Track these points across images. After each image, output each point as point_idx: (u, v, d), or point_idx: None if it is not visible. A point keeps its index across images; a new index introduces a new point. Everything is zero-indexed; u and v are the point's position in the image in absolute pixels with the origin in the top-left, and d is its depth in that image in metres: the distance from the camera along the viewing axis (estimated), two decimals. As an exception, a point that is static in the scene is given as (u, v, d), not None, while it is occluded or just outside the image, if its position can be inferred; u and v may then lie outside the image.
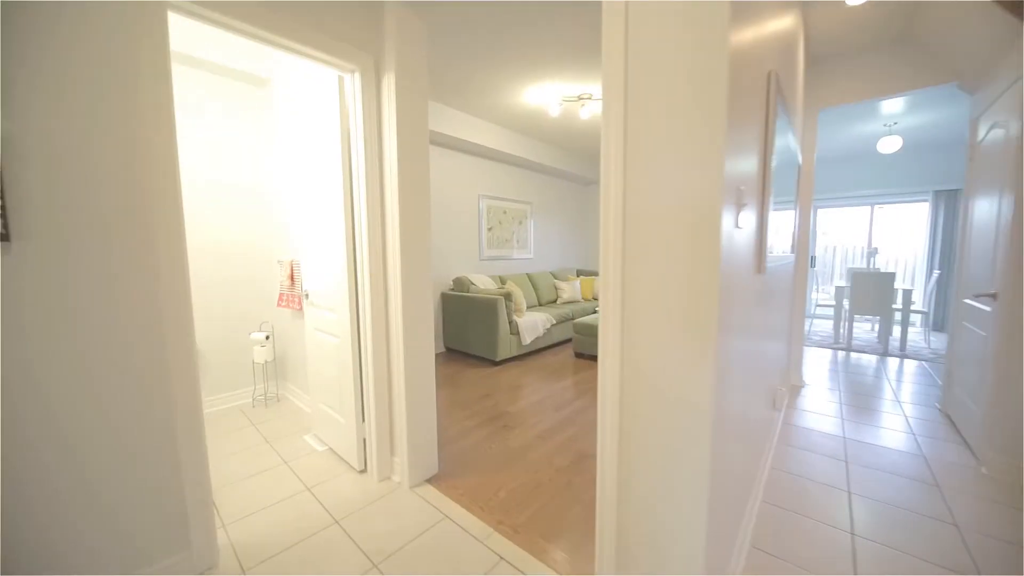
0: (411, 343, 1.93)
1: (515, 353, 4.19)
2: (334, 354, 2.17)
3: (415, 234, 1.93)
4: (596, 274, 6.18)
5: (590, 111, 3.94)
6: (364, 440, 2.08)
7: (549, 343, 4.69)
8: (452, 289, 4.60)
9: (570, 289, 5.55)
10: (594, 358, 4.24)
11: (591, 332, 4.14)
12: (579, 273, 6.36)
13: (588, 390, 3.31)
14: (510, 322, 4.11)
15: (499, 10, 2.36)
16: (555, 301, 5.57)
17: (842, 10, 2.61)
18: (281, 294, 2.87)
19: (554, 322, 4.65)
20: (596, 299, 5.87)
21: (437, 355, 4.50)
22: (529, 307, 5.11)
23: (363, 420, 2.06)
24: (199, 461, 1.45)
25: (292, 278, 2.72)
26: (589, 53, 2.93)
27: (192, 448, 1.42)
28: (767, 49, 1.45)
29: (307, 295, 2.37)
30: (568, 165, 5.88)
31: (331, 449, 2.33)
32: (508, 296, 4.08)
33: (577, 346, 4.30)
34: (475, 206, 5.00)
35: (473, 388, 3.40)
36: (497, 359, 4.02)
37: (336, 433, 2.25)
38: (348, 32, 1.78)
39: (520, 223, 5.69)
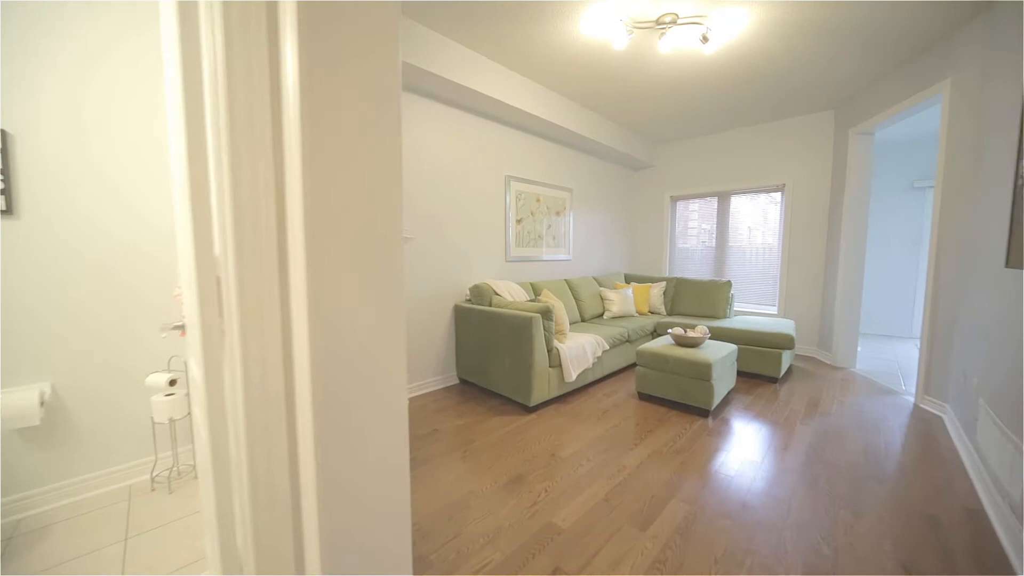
0: (335, 460, 0.75)
1: (555, 393, 2.97)
2: (201, 451, 1.02)
3: (356, 220, 0.74)
4: (653, 280, 4.88)
5: (672, 42, 2.70)
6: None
7: (600, 375, 3.46)
8: (469, 300, 3.43)
9: (620, 300, 4.29)
10: (668, 403, 2.98)
11: (663, 365, 2.88)
12: (628, 279, 5.09)
13: (684, 472, 2.06)
14: (549, 351, 2.90)
15: None
16: (601, 315, 4.32)
17: None
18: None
19: (607, 347, 3.41)
20: (653, 313, 4.58)
21: (448, 390, 3.34)
22: (571, 324, 3.89)
23: (248, 628, 0.90)
24: None
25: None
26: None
27: None
28: None
29: (183, 326, 1.24)
30: (618, 142, 4.63)
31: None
32: (547, 312, 2.88)
33: (642, 383, 3.04)
34: (500, 191, 3.82)
35: (497, 458, 2.21)
36: (531, 404, 2.81)
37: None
38: None
39: (557, 214, 4.47)
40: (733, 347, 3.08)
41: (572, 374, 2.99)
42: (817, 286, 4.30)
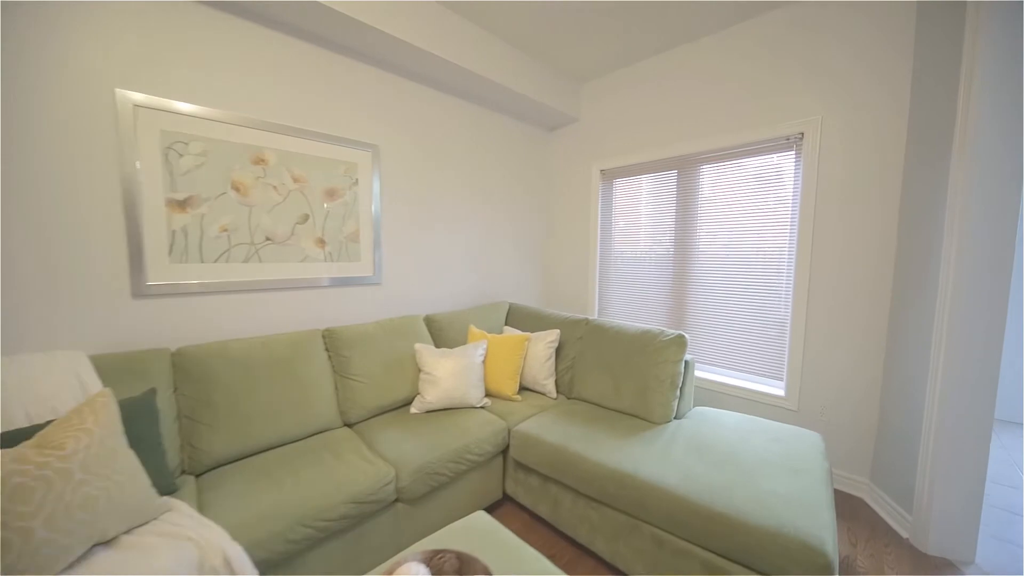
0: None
1: None
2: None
3: None
4: (553, 323, 2.56)
5: None
6: None
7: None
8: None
9: (453, 372, 2.02)
10: None
11: None
12: (513, 317, 2.80)
13: None
14: None
15: None
16: (408, 403, 2.08)
17: None
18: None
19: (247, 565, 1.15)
20: (533, 392, 2.29)
21: None
22: (292, 441, 1.60)
23: None
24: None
25: None
26: None
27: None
28: None
29: None
30: (491, 66, 2.38)
31: None
32: None
33: None
34: (107, 132, 1.61)
35: None
36: None
37: None
38: None
39: (331, 196, 2.24)
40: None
41: None
42: (875, 342, 1.98)
